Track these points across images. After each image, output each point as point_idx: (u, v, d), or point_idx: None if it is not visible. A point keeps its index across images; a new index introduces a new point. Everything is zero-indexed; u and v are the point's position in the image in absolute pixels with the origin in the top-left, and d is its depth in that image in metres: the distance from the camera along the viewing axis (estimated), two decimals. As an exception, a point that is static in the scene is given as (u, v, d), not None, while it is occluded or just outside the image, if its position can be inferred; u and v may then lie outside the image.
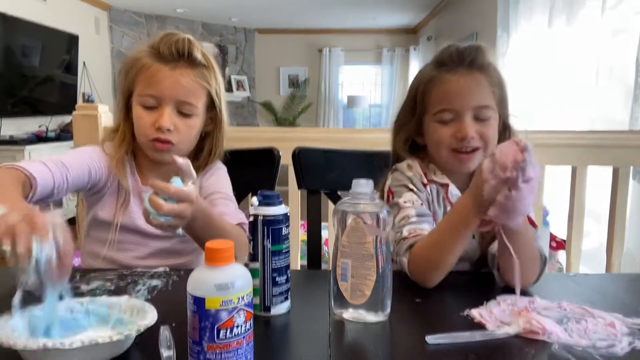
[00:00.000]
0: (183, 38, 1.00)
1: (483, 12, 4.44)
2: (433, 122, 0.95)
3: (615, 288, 0.83)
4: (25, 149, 3.71)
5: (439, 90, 0.94)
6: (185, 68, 1.00)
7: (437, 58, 0.97)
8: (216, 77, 1.05)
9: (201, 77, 1.01)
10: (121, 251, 1.03)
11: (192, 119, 1.02)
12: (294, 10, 6.53)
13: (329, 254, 2.06)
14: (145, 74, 0.99)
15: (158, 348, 0.55)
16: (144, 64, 1.00)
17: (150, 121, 0.99)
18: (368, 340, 0.66)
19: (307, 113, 7.91)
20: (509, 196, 0.68)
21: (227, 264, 0.53)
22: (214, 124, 1.08)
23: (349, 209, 0.69)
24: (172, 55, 0.99)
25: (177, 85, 0.98)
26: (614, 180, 1.67)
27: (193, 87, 1.00)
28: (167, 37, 1.00)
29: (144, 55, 1.01)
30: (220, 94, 1.07)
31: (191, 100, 1.00)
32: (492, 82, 0.93)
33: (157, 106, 0.99)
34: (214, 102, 1.05)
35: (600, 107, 2.41)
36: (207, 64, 1.03)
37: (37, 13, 4.43)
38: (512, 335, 0.64)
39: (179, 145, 1.01)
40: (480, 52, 0.93)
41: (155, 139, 0.99)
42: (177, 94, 0.99)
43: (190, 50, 1.00)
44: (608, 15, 2.35)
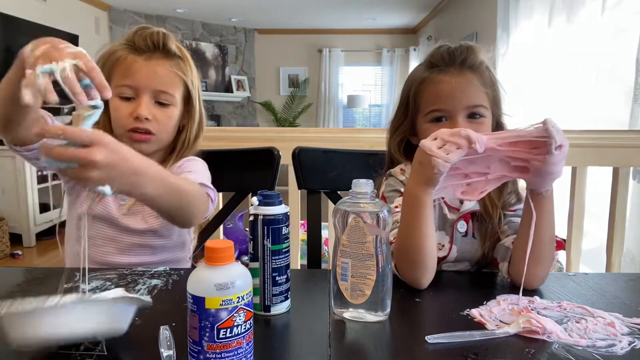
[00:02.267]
0: (157, 31, 1.01)
1: (483, 12, 4.44)
2: (426, 122, 0.95)
3: (615, 288, 0.83)
4: (25, 149, 3.70)
5: (430, 91, 0.94)
6: (161, 59, 1.01)
7: (428, 59, 0.97)
8: (192, 69, 1.06)
9: (177, 68, 1.02)
10: (96, 247, 1.02)
11: (170, 108, 1.02)
12: (294, 10, 6.53)
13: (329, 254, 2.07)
14: (121, 66, 0.99)
15: (158, 348, 0.55)
16: (119, 56, 1.00)
17: (128, 111, 0.99)
18: (368, 340, 0.66)
19: (307, 113, 7.91)
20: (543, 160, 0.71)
21: (227, 264, 0.53)
22: (189, 117, 1.08)
23: (349, 208, 0.69)
24: (147, 47, 1.00)
25: (154, 75, 0.99)
26: (614, 180, 1.67)
27: (169, 76, 1.01)
28: (141, 30, 1.01)
29: (118, 48, 1.01)
30: (197, 87, 1.07)
31: (168, 89, 1.01)
32: (484, 82, 0.93)
33: (134, 97, 0.99)
34: (190, 95, 1.05)
35: (600, 107, 2.41)
36: (182, 56, 1.04)
37: (37, 13, 4.43)
38: (512, 334, 0.64)
39: (158, 135, 1.02)
40: (471, 51, 0.93)
41: (133, 129, 0.99)
42: (153, 84, 0.99)
43: (165, 41, 1.01)
44: (608, 15, 2.35)
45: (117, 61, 1.00)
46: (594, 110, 2.45)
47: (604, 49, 2.38)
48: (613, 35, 2.32)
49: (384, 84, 7.97)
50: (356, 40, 7.79)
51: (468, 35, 4.78)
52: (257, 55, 7.78)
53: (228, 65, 7.46)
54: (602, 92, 2.40)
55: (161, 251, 1.06)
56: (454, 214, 0.97)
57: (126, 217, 1.02)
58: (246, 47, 7.66)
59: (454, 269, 0.97)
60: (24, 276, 0.90)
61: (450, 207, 0.98)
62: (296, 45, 7.82)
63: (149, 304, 0.60)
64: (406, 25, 7.50)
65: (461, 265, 0.97)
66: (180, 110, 1.05)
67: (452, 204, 0.98)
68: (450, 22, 5.78)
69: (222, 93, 7.35)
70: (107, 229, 1.03)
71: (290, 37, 7.77)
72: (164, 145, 1.06)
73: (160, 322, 0.60)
